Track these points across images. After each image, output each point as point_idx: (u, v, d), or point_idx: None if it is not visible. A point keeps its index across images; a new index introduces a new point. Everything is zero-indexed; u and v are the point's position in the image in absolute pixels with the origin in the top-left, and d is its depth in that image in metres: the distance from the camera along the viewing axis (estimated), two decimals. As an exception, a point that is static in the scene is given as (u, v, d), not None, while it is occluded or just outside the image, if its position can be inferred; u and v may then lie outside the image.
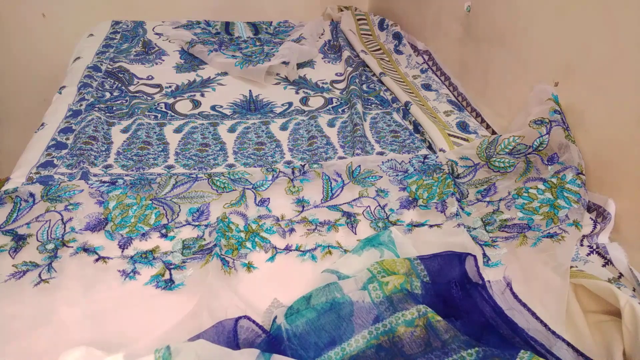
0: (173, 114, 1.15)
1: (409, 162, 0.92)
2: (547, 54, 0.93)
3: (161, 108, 1.17)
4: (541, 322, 0.60)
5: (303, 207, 0.85)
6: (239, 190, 0.85)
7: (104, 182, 0.83)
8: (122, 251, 0.75)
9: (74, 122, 1.04)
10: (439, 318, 0.59)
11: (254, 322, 0.60)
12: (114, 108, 1.14)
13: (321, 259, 0.76)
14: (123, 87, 1.25)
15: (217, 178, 0.86)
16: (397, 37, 1.57)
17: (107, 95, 1.20)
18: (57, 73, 1.39)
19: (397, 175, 0.90)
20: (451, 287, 0.65)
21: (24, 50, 1.77)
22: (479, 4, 1.16)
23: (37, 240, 0.74)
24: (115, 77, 1.28)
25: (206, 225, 0.80)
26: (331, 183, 0.87)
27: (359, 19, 1.71)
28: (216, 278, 0.68)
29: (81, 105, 1.12)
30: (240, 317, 0.59)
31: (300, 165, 0.90)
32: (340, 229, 0.82)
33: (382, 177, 0.89)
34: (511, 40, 1.04)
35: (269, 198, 0.85)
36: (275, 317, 0.62)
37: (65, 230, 0.76)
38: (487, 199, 0.87)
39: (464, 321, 0.62)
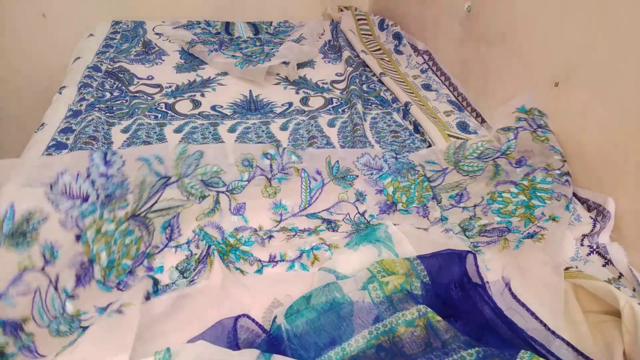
0: (173, 114, 1.15)
1: (382, 157, 0.88)
2: (547, 54, 0.93)
3: (161, 108, 1.17)
4: (540, 321, 0.60)
5: (281, 215, 0.81)
6: (212, 196, 0.78)
7: (70, 194, 0.64)
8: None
9: (74, 122, 1.04)
10: (439, 318, 0.59)
11: (253, 320, 0.60)
12: (114, 108, 1.14)
13: (312, 266, 0.74)
14: (123, 87, 1.25)
15: (187, 180, 0.76)
16: (397, 37, 1.57)
17: (107, 95, 1.20)
18: (57, 73, 1.39)
19: (371, 174, 0.86)
20: (451, 288, 0.65)
21: (24, 50, 1.76)
22: (479, 4, 1.16)
23: (37, 324, 0.56)
24: (116, 77, 1.28)
25: (187, 243, 0.74)
26: (310, 183, 0.83)
27: (359, 19, 1.71)
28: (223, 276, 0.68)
29: (81, 105, 1.12)
30: (239, 316, 0.59)
31: (279, 151, 0.82)
32: (322, 234, 0.79)
33: (357, 176, 0.85)
34: (511, 40, 1.04)
35: (244, 203, 0.80)
36: (275, 317, 0.62)
37: (62, 299, 0.59)
38: (462, 204, 0.86)
39: (464, 321, 0.62)
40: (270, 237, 0.77)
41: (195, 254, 0.73)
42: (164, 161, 0.74)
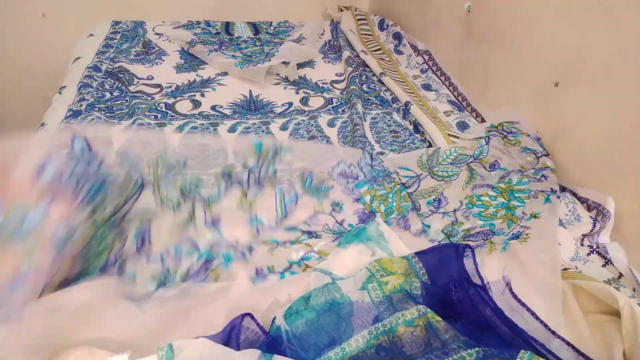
0: (173, 114, 1.15)
1: (358, 165, 0.85)
2: (547, 54, 0.93)
3: (161, 108, 1.17)
4: (541, 321, 0.60)
5: (257, 229, 0.77)
6: (188, 206, 0.75)
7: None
8: None
9: (74, 122, 1.04)
10: (439, 318, 0.59)
11: (255, 320, 0.59)
12: (114, 108, 1.14)
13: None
14: (123, 87, 1.25)
15: (164, 188, 0.73)
16: (397, 37, 1.57)
17: (107, 95, 1.20)
18: (57, 73, 1.39)
19: (347, 183, 0.84)
20: (450, 289, 0.65)
21: (24, 50, 1.77)
22: (479, 4, 1.16)
23: None
24: (116, 77, 1.28)
25: (161, 260, 0.70)
26: (284, 196, 0.80)
27: (359, 19, 1.71)
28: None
29: (81, 105, 1.12)
30: (244, 315, 0.59)
31: (258, 162, 0.78)
32: (305, 242, 0.77)
33: (332, 186, 0.82)
34: (511, 40, 1.04)
35: (219, 216, 0.76)
36: (275, 318, 0.62)
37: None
38: (441, 210, 0.85)
39: (464, 322, 0.62)
40: (251, 249, 0.74)
41: (175, 269, 0.70)
42: (138, 166, 0.71)
